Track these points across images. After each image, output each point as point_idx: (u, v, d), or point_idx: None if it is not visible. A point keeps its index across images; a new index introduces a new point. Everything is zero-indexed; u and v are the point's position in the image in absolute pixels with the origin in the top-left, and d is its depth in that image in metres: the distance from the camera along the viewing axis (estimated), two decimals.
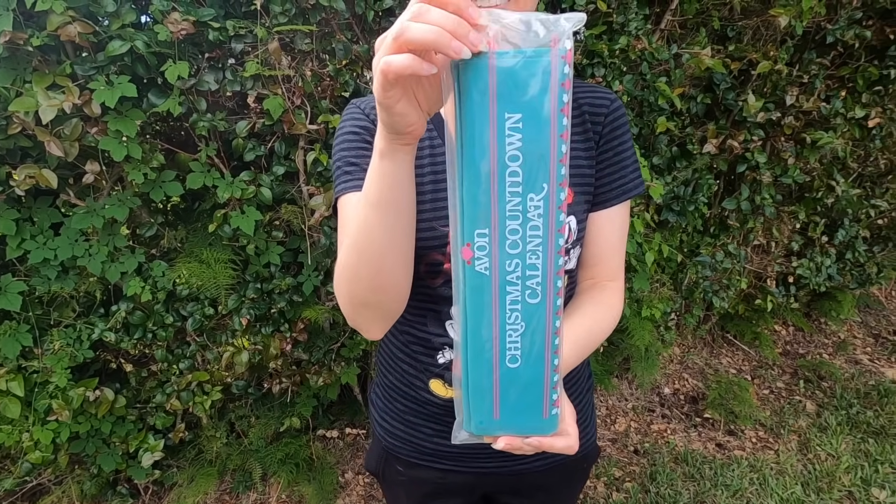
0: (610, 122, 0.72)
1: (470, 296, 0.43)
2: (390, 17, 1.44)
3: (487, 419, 0.47)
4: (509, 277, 0.42)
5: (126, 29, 1.22)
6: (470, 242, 0.42)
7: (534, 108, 0.37)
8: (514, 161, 0.39)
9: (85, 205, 1.35)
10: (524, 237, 0.41)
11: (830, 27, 1.89)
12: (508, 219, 0.40)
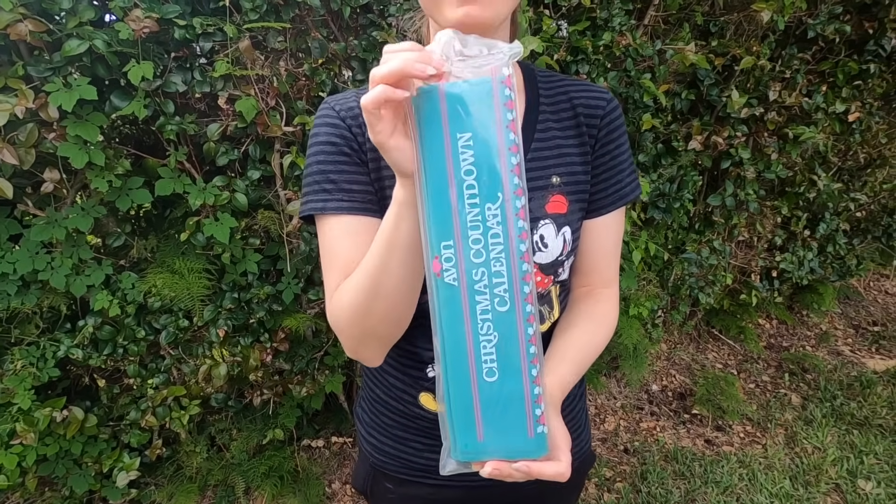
0: (606, 124, 0.68)
1: (442, 308, 0.46)
2: (368, 14, 1.39)
3: (472, 442, 0.48)
4: (477, 286, 0.45)
5: (84, 27, 1.14)
6: (438, 255, 0.45)
7: (481, 127, 0.43)
8: (469, 175, 0.44)
9: (45, 215, 1.27)
10: (486, 245, 0.44)
11: (811, 22, 1.89)
12: (470, 229, 0.44)
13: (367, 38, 1.39)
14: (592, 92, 0.69)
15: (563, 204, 0.67)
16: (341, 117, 0.64)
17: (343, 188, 0.63)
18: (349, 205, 0.62)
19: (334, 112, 0.64)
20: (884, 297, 3.27)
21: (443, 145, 0.43)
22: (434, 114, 0.43)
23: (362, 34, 1.41)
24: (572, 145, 0.68)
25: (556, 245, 0.67)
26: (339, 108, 0.64)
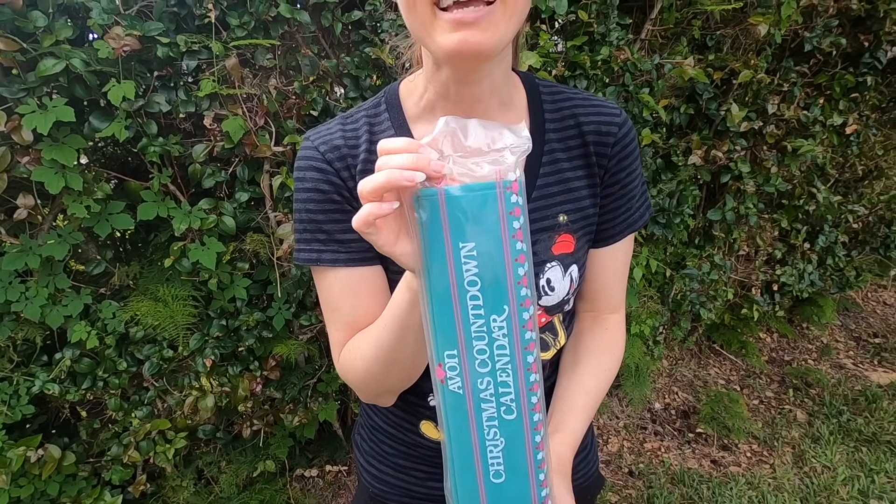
0: (617, 152, 0.63)
1: (448, 414, 0.45)
2: (360, 30, 1.34)
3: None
4: (483, 395, 0.44)
5: (61, 46, 1.08)
6: (441, 363, 0.44)
7: (485, 237, 0.40)
8: (473, 286, 0.41)
9: (19, 242, 1.20)
10: (492, 356, 0.43)
11: (808, 35, 1.87)
12: (475, 339, 0.42)
13: (360, 55, 1.34)
14: (603, 115, 0.63)
15: (570, 243, 0.63)
16: (327, 160, 0.59)
17: (337, 239, 0.60)
18: (346, 257, 0.60)
19: (319, 154, 0.60)
20: (882, 307, 3.25)
21: (444, 254, 0.41)
22: (435, 220, 0.40)
23: (354, 51, 1.37)
24: (580, 177, 0.63)
25: (562, 287, 0.63)
26: (323, 150, 0.60)
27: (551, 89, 0.65)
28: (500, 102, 0.60)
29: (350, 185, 0.59)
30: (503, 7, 0.47)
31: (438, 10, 0.47)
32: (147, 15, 1.19)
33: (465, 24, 0.46)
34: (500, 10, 0.47)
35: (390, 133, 0.61)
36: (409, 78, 0.64)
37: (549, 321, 0.67)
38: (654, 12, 1.68)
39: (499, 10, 0.47)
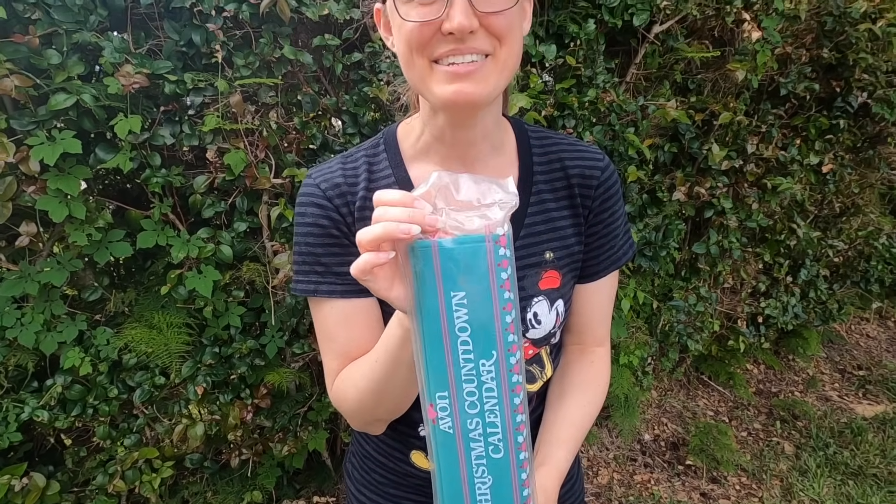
0: (601, 194, 0.68)
1: (439, 452, 0.48)
2: (359, 70, 1.41)
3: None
4: (472, 434, 0.46)
5: (72, 81, 1.13)
6: (433, 403, 0.46)
7: (475, 287, 0.43)
8: (464, 332, 0.44)
9: (18, 269, 1.22)
10: (481, 398, 0.46)
11: (783, 80, 1.98)
12: (465, 382, 0.45)
13: (358, 93, 1.41)
14: (587, 160, 0.68)
15: (556, 279, 0.67)
16: (327, 197, 0.63)
17: (334, 271, 0.63)
18: (342, 288, 0.63)
19: (320, 191, 0.64)
20: (866, 340, 3.31)
21: (437, 302, 0.43)
22: (428, 270, 0.43)
23: (353, 89, 1.43)
24: (566, 216, 0.68)
25: (549, 320, 0.66)
26: (324, 187, 0.64)
27: (539, 134, 0.70)
28: (491, 146, 0.65)
29: (349, 220, 0.63)
30: (494, 62, 0.53)
31: (435, 64, 0.52)
32: (156, 53, 1.25)
33: (459, 76, 0.52)
34: (492, 64, 0.53)
35: (388, 172, 0.65)
36: (406, 120, 0.69)
37: (536, 353, 0.70)
38: (638, 57, 1.78)
39: (490, 65, 0.53)
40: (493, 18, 0.51)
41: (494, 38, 0.52)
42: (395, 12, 0.52)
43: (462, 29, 0.49)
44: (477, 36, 0.51)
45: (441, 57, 0.52)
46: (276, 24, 1.27)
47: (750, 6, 1.80)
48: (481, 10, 0.50)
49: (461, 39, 0.50)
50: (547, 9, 1.55)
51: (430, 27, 0.50)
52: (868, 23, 1.95)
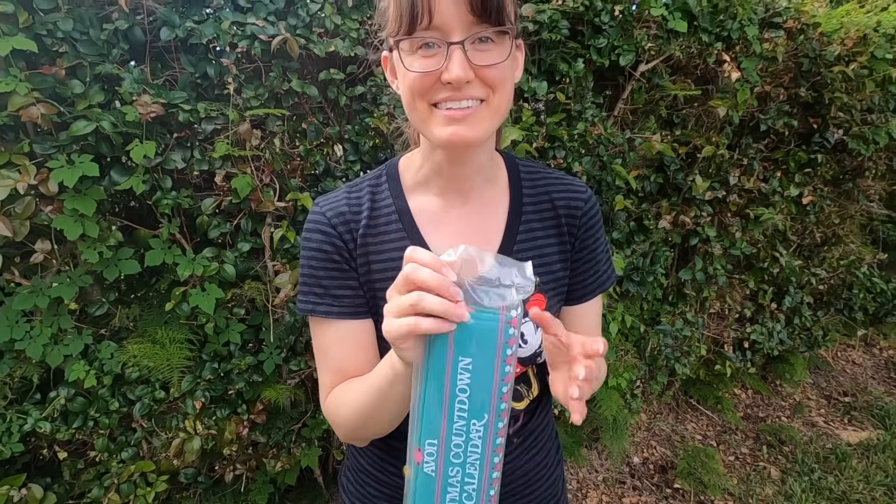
0: (585, 222, 0.75)
1: (419, 491, 0.53)
2: (361, 102, 1.50)
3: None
4: (450, 480, 0.52)
5: (92, 109, 1.21)
6: (421, 448, 0.51)
7: (482, 357, 0.48)
8: (463, 392, 0.49)
9: (30, 283, 1.27)
10: (465, 451, 0.51)
11: (763, 117, 2.09)
12: (454, 436, 0.50)
13: (360, 123, 1.49)
14: (572, 192, 0.75)
15: (542, 302, 0.73)
16: (332, 224, 0.70)
17: (332, 294, 0.69)
18: (338, 310, 0.69)
19: (325, 219, 0.70)
20: (851, 367, 3.36)
21: (444, 363, 0.48)
22: (443, 335, 0.48)
23: (355, 119, 1.52)
24: (552, 244, 0.74)
25: (535, 340, 0.72)
26: (329, 215, 0.70)
27: (529, 168, 0.77)
28: (485, 178, 0.72)
29: (350, 246, 0.70)
30: (487, 107, 0.60)
31: (434, 108, 0.60)
32: (172, 83, 1.33)
33: (455, 119, 0.59)
34: (485, 110, 0.60)
35: (389, 202, 0.72)
36: (407, 154, 0.76)
37: (523, 372, 0.76)
38: (625, 93, 1.88)
39: (484, 110, 0.60)
40: (486, 70, 0.58)
41: (488, 87, 0.59)
42: (400, 63, 0.60)
43: (459, 80, 0.56)
44: (472, 85, 0.58)
45: (440, 102, 0.59)
46: (285, 59, 1.36)
47: (730, 47, 1.92)
48: (476, 63, 0.57)
49: (458, 88, 0.58)
50: (539, 49, 1.66)
51: (431, 77, 0.58)
52: (842, 65, 2.07)
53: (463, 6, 0.55)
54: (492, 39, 0.58)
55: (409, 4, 0.56)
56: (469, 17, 0.56)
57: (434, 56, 0.57)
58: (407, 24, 0.57)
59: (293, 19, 1.35)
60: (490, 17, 0.56)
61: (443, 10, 0.55)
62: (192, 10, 1.27)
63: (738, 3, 1.79)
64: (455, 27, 0.56)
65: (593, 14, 1.62)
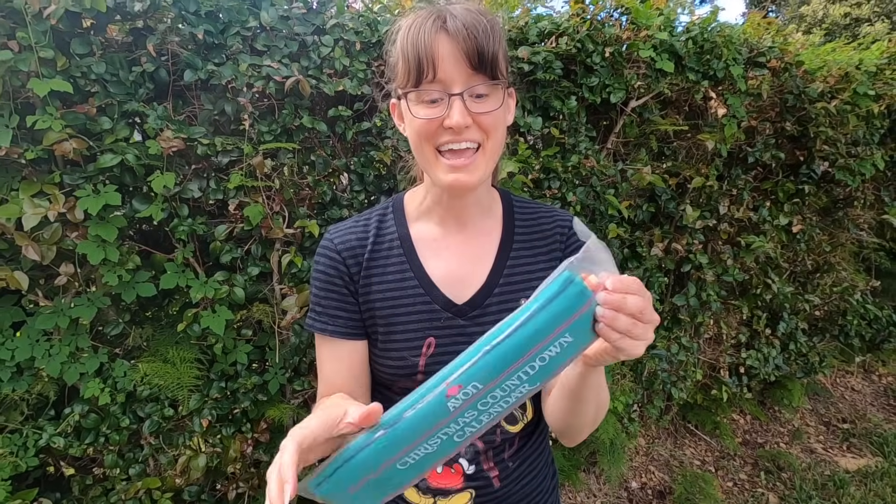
0: (572, 242, 0.83)
1: (424, 409, 0.53)
2: (367, 136, 1.60)
3: (342, 491, 0.56)
4: (458, 419, 0.53)
5: (119, 143, 1.30)
6: (462, 385, 0.52)
7: (576, 342, 0.52)
8: (542, 362, 0.52)
9: (52, 304, 1.35)
10: (491, 407, 0.53)
11: (750, 149, 2.18)
12: (499, 389, 0.53)
13: (365, 156, 1.59)
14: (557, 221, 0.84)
15: None
16: (338, 251, 0.79)
17: (329, 314, 0.77)
18: (332, 329, 0.77)
19: (333, 245, 0.79)
20: (850, 393, 3.37)
21: (549, 334, 0.51)
22: (571, 312, 0.52)
23: (361, 152, 1.62)
24: (541, 269, 0.82)
25: None
26: (337, 243, 0.80)
27: (521, 202, 0.87)
28: (481, 210, 0.81)
29: (353, 270, 0.78)
30: (483, 153, 0.70)
31: (438, 154, 0.69)
32: (192, 119, 1.43)
33: (456, 168, 0.69)
34: (481, 156, 0.70)
35: (393, 230, 0.81)
36: (412, 189, 0.86)
37: None
38: (617, 127, 1.98)
39: (480, 157, 0.70)
40: (482, 117, 0.68)
41: (483, 132, 0.69)
42: (408, 110, 0.69)
43: (459, 126, 0.66)
44: (470, 130, 0.68)
45: (442, 145, 0.68)
46: (297, 97, 1.46)
47: (717, 85, 2.03)
48: (474, 111, 0.67)
49: (458, 133, 0.67)
50: (534, 87, 1.76)
51: (434, 122, 0.67)
52: (825, 101, 2.17)
53: (462, 63, 0.65)
54: (486, 94, 0.68)
55: (416, 62, 0.65)
56: (468, 72, 0.66)
57: (437, 105, 0.67)
58: (414, 78, 0.66)
59: (305, 61, 1.46)
60: (486, 72, 0.66)
61: (445, 67, 0.65)
62: (212, 54, 1.38)
63: (722, 45, 1.91)
64: (455, 80, 0.66)
65: (585, 55, 1.73)
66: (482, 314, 0.77)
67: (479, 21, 0.65)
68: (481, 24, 0.65)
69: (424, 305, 0.76)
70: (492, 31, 0.66)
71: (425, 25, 0.65)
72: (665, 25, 1.82)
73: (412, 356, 0.75)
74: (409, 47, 0.66)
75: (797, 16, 14.24)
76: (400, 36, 0.69)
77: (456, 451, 0.56)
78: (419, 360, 0.76)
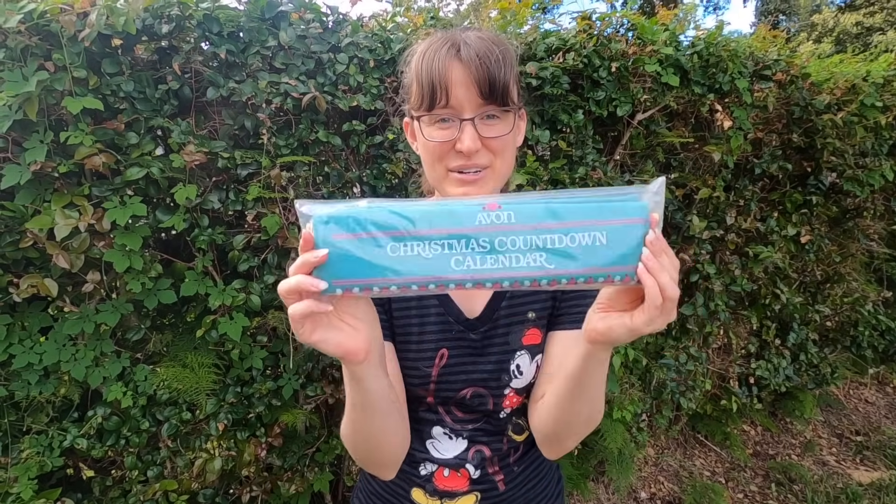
0: None
1: (456, 206, 0.52)
2: (380, 150, 1.65)
3: (329, 236, 0.52)
4: (472, 242, 0.51)
5: (144, 157, 1.37)
6: (500, 206, 0.52)
7: (608, 257, 0.52)
8: (570, 242, 0.51)
9: (79, 311, 1.41)
10: (499, 262, 0.51)
11: (757, 161, 2.20)
12: (519, 239, 0.51)
13: (378, 168, 1.64)
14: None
15: (537, 336, 0.82)
16: None
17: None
18: None
19: None
20: (864, 405, 3.33)
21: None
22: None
23: (373, 164, 1.67)
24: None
25: (529, 371, 0.81)
26: None
27: None
28: None
29: None
30: (492, 172, 0.73)
31: (449, 171, 0.72)
32: (213, 133, 1.50)
33: (466, 182, 0.71)
34: (490, 174, 0.73)
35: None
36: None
37: (521, 403, 0.84)
38: (624, 139, 2.02)
39: (489, 174, 0.73)
40: (492, 141, 0.70)
41: (492, 154, 0.72)
42: (420, 132, 0.73)
43: (470, 150, 0.69)
44: (480, 153, 0.71)
45: (453, 169, 0.72)
46: (314, 113, 1.52)
47: (723, 97, 2.06)
48: (484, 135, 0.70)
49: (468, 157, 0.70)
50: (542, 101, 1.81)
51: (446, 145, 0.71)
52: (832, 113, 2.19)
53: (473, 91, 0.68)
54: (497, 116, 0.71)
55: (430, 88, 0.69)
56: (478, 101, 0.69)
57: (449, 129, 0.70)
58: (428, 103, 0.70)
59: (321, 78, 1.52)
60: (496, 100, 0.69)
61: (457, 93, 0.68)
62: (233, 72, 1.45)
63: (727, 59, 1.94)
64: (467, 107, 0.69)
65: (592, 70, 1.78)
66: (492, 328, 0.80)
67: (492, 50, 0.68)
68: (493, 53, 0.68)
69: (438, 317, 0.79)
70: (503, 59, 0.68)
71: (440, 52, 0.68)
72: (670, 41, 1.86)
73: (425, 366, 0.78)
74: (424, 73, 0.69)
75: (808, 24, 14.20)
76: (415, 60, 0.72)
77: (438, 288, 0.52)
78: (432, 370, 0.78)
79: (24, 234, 1.29)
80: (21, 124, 1.25)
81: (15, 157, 1.27)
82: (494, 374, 0.79)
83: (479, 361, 0.79)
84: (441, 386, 0.79)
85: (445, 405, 0.82)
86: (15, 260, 1.36)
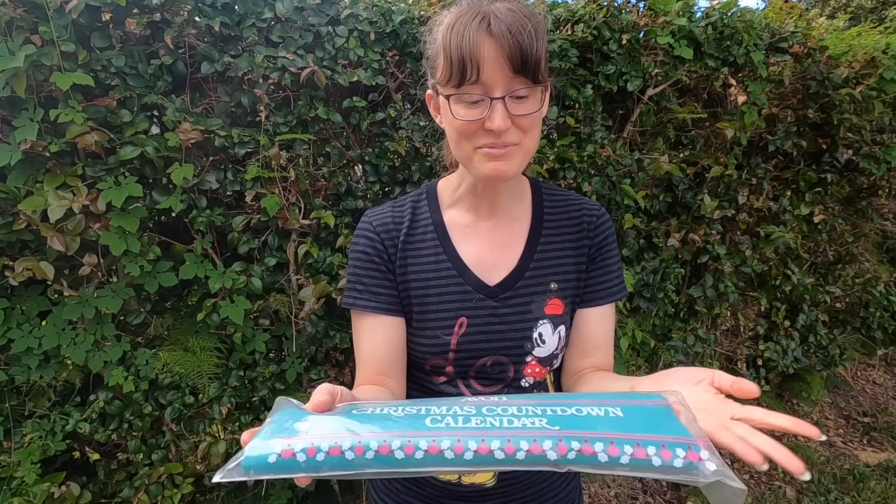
0: (598, 233, 0.84)
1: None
2: (382, 127, 1.60)
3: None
4: (452, 405, 0.51)
5: (138, 135, 1.32)
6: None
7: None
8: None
9: (77, 294, 1.38)
10: (490, 416, 0.48)
11: (771, 138, 2.13)
12: (512, 407, 0.50)
13: (380, 147, 1.59)
14: (586, 209, 0.85)
15: (559, 306, 0.81)
16: (376, 231, 0.81)
17: (371, 290, 0.79)
18: (374, 305, 0.79)
19: (371, 227, 0.82)
20: (872, 387, 3.31)
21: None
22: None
23: (375, 143, 1.62)
24: (569, 255, 0.83)
25: (552, 341, 0.80)
26: (375, 224, 0.82)
27: (550, 190, 0.88)
28: (512, 197, 0.83)
29: (391, 251, 0.80)
30: (520, 148, 0.70)
31: (476, 149, 0.70)
32: (209, 111, 1.45)
33: (495, 157, 0.69)
34: (519, 150, 0.70)
35: (427, 215, 0.83)
36: (446, 176, 0.87)
37: (542, 377, 0.83)
38: (634, 116, 1.95)
39: (517, 150, 0.70)
40: (522, 119, 0.67)
41: (522, 132, 0.69)
42: (447, 108, 0.69)
43: (500, 129, 0.66)
44: (510, 132, 0.67)
45: (482, 147, 0.69)
46: (313, 88, 1.46)
47: (737, 71, 1.98)
48: (514, 113, 0.66)
49: (498, 135, 0.67)
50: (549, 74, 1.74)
51: (475, 124, 0.67)
52: (850, 88, 2.11)
53: (506, 67, 0.64)
54: (526, 95, 0.67)
55: (460, 63, 0.64)
56: (510, 76, 0.65)
57: (478, 106, 0.67)
58: (457, 79, 0.66)
59: (320, 52, 1.46)
60: (528, 75, 0.65)
61: (488, 70, 0.64)
62: (229, 46, 1.39)
63: (743, 30, 1.86)
64: (497, 84, 0.65)
65: (601, 43, 1.71)
66: (513, 296, 0.79)
67: (524, 24, 0.64)
68: (526, 27, 0.64)
69: (457, 287, 0.79)
70: (536, 33, 0.65)
71: (470, 26, 0.64)
72: (684, 11, 1.78)
73: (445, 335, 0.77)
74: (453, 47, 0.65)
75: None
76: (442, 32, 0.68)
77: (410, 445, 0.44)
78: (451, 338, 0.78)
79: (18, 216, 1.25)
80: (9, 101, 1.21)
81: (5, 137, 1.23)
82: (517, 341, 0.79)
83: (500, 329, 0.79)
84: (460, 354, 0.79)
85: (465, 378, 0.81)
86: (10, 243, 1.33)
